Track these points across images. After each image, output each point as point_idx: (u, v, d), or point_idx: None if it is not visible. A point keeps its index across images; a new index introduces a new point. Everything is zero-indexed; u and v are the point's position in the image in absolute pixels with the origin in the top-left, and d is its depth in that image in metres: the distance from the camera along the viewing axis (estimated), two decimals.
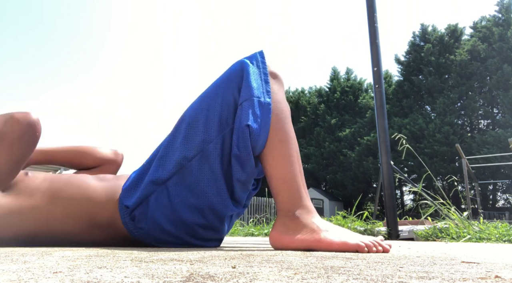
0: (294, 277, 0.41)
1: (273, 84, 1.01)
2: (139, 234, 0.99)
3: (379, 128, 2.47)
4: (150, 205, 0.97)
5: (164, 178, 0.97)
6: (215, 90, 1.00)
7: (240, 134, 0.94)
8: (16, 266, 0.51)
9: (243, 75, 0.98)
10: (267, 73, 1.01)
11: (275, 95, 0.99)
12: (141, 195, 0.97)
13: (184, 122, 0.99)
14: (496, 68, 15.91)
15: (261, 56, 1.04)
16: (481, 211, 6.61)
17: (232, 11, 48.38)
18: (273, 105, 0.97)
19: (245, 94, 0.96)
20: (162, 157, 0.99)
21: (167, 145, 1.00)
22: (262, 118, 0.95)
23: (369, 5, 2.60)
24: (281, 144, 0.96)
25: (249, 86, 0.96)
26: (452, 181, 11.73)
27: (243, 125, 0.93)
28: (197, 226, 0.99)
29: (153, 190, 0.97)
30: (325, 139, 20.67)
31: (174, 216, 0.97)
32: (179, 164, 0.96)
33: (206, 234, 1.02)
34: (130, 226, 0.99)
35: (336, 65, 30.68)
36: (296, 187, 0.94)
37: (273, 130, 0.95)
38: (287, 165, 0.95)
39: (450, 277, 0.42)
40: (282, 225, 0.93)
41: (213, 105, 0.98)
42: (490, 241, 1.78)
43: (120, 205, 0.99)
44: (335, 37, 43.46)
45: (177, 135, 0.99)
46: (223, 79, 1.01)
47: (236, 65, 1.01)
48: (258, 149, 0.95)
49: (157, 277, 0.41)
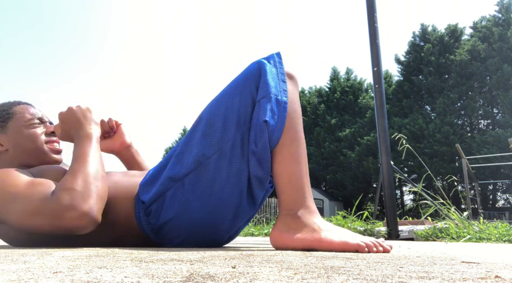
0: (294, 277, 0.41)
1: (289, 84, 1.02)
2: (150, 230, 0.99)
3: (379, 128, 2.47)
4: (166, 201, 0.97)
5: (181, 175, 0.97)
6: (233, 89, 1.00)
7: (258, 130, 0.94)
8: (16, 266, 0.51)
9: (260, 74, 0.99)
10: (284, 73, 1.02)
11: (290, 95, 1.01)
12: (158, 191, 0.98)
13: (203, 121, 0.99)
14: (496, 68, 15.92)
15: (278, 56, 1.05)
16: (481, 211, 6.60)
17: (232, 11, 48.38)
18: (288, 104, 0.98)
19: (263, 92, 0.97)
20: (180, 154, 0.99)
21: (185, 142, 1.00)
22: (278, 116, 0.96)
23: (369, 5, 2.60)
24: (291, 143, 0.96)
25: (267, 84, 0.97)
26: (452, 181, 11.74)
27: (261, 121, 0.94)
28: (210, 224, 1.00)
29: (170, 186, 0.98)
30: (325, 140, 20.68)
31: (188, 213, 0.97)
32: (197, 161, 0.97)
33: (217, 232, 1.03)
34: (143, 221, 0.99)
35: (336, 65, 30.71)
36: (301, 187, 0.95)
37: (286, 129, 0.96)
38: (294, 164, 0.95)
39: (450, 277, 0.42)
40: (283, 224, 0.93)
41: (231, 103, 0.98)
42: (490, 241, 1.78)
43: (137, 200, 1.00)
44: (335, 37, 43.48)
45: (195, 133, 1.00)
46: (241, 78, 1.01)
47: (254, 64, 1.02)
48: (272, 145, 0.96)
49: (157, 277, 0.41)
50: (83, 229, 0.88)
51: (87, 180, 0.92)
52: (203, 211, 0.97)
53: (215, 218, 0.98)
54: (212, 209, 0.97)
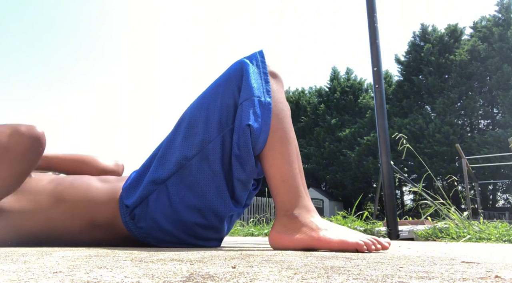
0: (294, 277, 0.41)
1: (273, 84, 1.01)
2: (139, 233, 0.99)
3: (379, 128, 2.47)
4: (150, 204, 0.97)
5: (163, 178, 0.97)
6: (214, 90, 1.00)
7: (241, 134, 0.94)
8: (16, 266, 0.51)
9: (242, 75, 0.98)
10: (267, 73, 1.01)
11: (275, 95, 0.99)
12: (141, 194, 0.97)
13: (184, 122, 0.99)
14: (496, 68, 15.92)
15: (261, 55, 1.03)
16: (481, 211, 6.60)
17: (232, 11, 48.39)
18: (273, 105, 0.97)
19: (245, 94, 0.96)
20: (162, 157, 0.99)
21: (167, 144, 1.00)
22: (262, 118, 0.94)
23: (369, 5, 2.60)
24: (280, 144, 0.95)
25: (249, 86, 0.96)
26: (452, 181, 11.73)
27: (243, 125, 0.93)
28: (197, 226, 0.99)
29: (152, 189, 0.97)
30: (325, 140, 20.68)
31: (173, 216, 0.97)
32: (179, 163, 0.96)
33: (205, 233, 1.02)
34: (130, 225, 0.99)
35: (336, 65, 30.71)
36: (296, 187, 0.94)
37: (273, 130, 0.95)
38: (286, 164, 0.95)
39: (450, 277, 0.42)
40: (281, 225, 0.93)
41: (213, 105, 0.98)
42: (490, 241, 1.78)
43: (121, 204, 0.99)
44: (335, 37, 43.47)
45: (176, 135, 0.99)
46: (223, 79, 1.00)
47: (235, 65, 1.01)
48: (258, 148, 0.95)
49: (157, 277, 0.41)
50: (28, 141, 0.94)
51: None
52: (188, 213, 0.97)
53: (201, 219, 0.98)
54: (197, 210, 0.97)
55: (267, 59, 1.03)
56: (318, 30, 43.73)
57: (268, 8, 46.65)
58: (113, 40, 43.87)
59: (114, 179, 1.09)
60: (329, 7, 43.75)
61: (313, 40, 42.69)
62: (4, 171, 0.94)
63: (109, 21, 52.61)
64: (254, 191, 1.12)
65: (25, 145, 0.95)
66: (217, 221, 1.00)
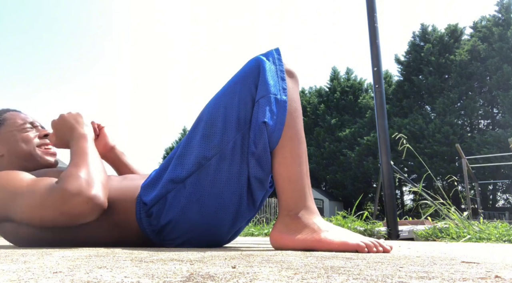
0: (294, 277, 0.41)
1: (289, 82, 1.00)
2: (151, 231, 0.99)
3: (379, 128, 2.47)
4: (168, 203, 0.97)
5: (182, 177, 0.97)
6: (232, 87, 0.99)
7: (257, 131, 0.93)
8: (16, 266, 0.51)
9: (259, 71, 0.98)
10: (283, 71, 1.00)
11: (290, 93, 0.99)
12: (159, 193, 0.97)
13: (202, 121, 0.99)
14: (496, 68, 15.92)
15: (277, 53, 1.03)
16: (481, 211, 6.60)
17: (233, 11, 48.37)
18: (288, 103, 0.97)
19: (262, 91, 0.95)
20: (181, 156, 0.99)
21: (186, 143, 1.00)
22: (278, 116, 0.94)
23: (369, 5, 2.60)
24: (291, 143, 0.95)
25: (265, 83, 0.96)
26: (452, 181, 11.72)
27: (260, 122, 0.93)
28: (212, 226, 0.99)
29: (171, 188, 0.97)
30: (325, 140, 20.68)
31: (189, 215, 0.97)
32: (198, 163, 0.96)
33: (219, 233, 1.03)
34: (144, 222, 0.99)
35: (336, 65, 30.70)
36: (301, 187, 0.94)
37: (286, 129, 0.95)
38: (295, 164, 0.95)
39: (450, 277, 0.42)
40: (283, 225, 0.93)
41: (231, 103, 0.97)
42: (490, 241, 1.78)
43: (138, 202, 0.99)
44: (335, 37, 43.47)
45: (195, 134, 0.99)
46: (240, 77, 1.00)
47: (252, 62, 1.00)
48: (272, 146, 0.95)
49: (157, 277, 0.41)
50: (90, 214, 0.90)
51: (90, 169, 0.95)
52: (204, 213, 0.97)
53: (215, 219, 0.98)
54: (212, 211, 0.97)
55: (283, 57, 1.02)
56: (318, 30, 43.74)
57: (268, 8, 46.65)
58: (113, 40, 43.85)
59: (138, 177, 1.10)
60: (329, 7, 43.76)
61: (313, 40, 42.70)
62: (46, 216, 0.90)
63: (109, 21, 52.59)
64: (271, 188, 1.11)
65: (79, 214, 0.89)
66: (234, 221, 1.00)
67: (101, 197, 0.91)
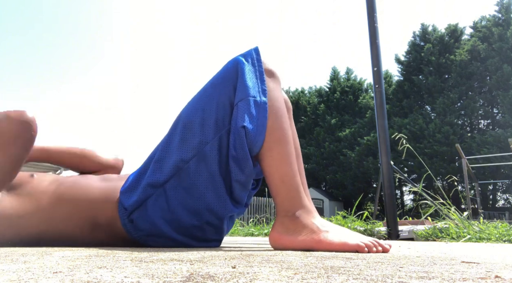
0: (294, 277, 0.41)
1: (269, 82, 0.99)
2: (138, 236, 0.99)
3: (379, 128, 2.47)
4: (149, 208, 0.96)
5: (161, 181, 0.96)
6: (210, 90, 0.98)
7: (236, 135, 0.92)
8: (16, 266, 0.51)
9: (238, 74, 0.97)
10: (263, 71, 0.98)
11: (272, 94, 0.97)
12: (139, 198, 0.96)
13: (180, 124, 0.98)
14: (496, 68, 15.92)
15: (256, 53, 1.01)
16: (481, 211, 6.60)
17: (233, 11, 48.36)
18: (270, 104, 0.95)
19: (240, 94, 0.94)
20: (159, 160, 0.98)
21: (164, 147, 0.99)
22: (258, 119, 0.93)
23: (369, 5, 2.60)
24: (278, 144, 0.94)
25: (244, 86, 0.94)
26: (452, 181, 11.73)
27: (239, 126, 0.92)
28: (196, 228, 0.99)
29: (150, 193, 0.97)
30: (325, 140, 20.67)
31: (172, 219, 0.97)
32: (176, 166, 0.95)
33: (205, 235, 1.02)
34: (129, 227, 0.98)
35: (336, 65, 30.71)
36: (296, 187, 0.93)
37: (270, 130, 0.94)
38: (285, 164, 0.94)
39: (450, 277, 0.42)
40: (281, 226, 0.92)
41: (209, 106, 0.96)
42: (490, 241, 1.78)
43: (120, 207, 0.99)
44: (335, 37, 43.46)
45: (173, 137, 0.98)
46: (218, 79, 0.99)
47: (230, 63, 0.99)
48: (255, 149, 0.93)
49: (157, 277, 0.41)
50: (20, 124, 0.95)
51: None
52: (187, 216, 0.96)
53: (200, 221, 0.98)
54: (196, 213, 0.96)
55: (262, 57, 1.00)
56: (318, 30, 43.73)
57: (268, 8, 46.64)
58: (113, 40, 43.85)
59: (116, 178, 1.09)
60: (329, 7, 43.74)
61: (313, 40, 42.71)
62: None
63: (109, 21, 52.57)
64: (253, 190, 1.11)
65: (16, 130, 0.95)
66: (217, 222, 1.00)
67: None
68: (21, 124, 0.95)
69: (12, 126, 0.94)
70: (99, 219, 0.99)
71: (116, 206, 0.99)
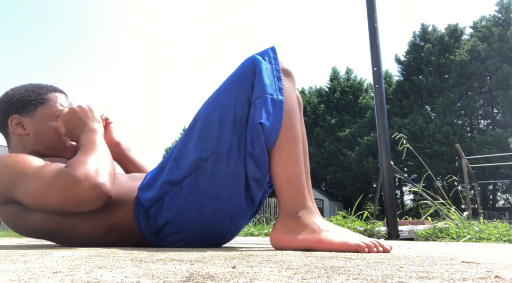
0: (294, 277, 0.41)
1: (285, 81, 1.00)
2: (149, 232, 0.99)
3: (379, 128, 2.47)
4: (165, 205, 0.97)
5: (179, 179, 0.96)
6: (227, 88, 0.99)
7: (254, 132, 0.93)
8: (16, 266, 0.51)
9: (255, 71, 0.97)
10: (280, 70, 0.99)
11: (287, 93, 0.98)
12: (156, 195, 0.97)
13: (198, 122, 0.98)
14: (496, 68, 15.92)
15: (273, 52, 1.02)
16: (481, 211, 6.61)
17: (233, 11, 48.35)
18: (285, 103, 0.96)
19: (258, 92, 0.95)
20: (177, 157, 0.98)
21: (182, 145, 0.99)
22: (274, 116, 0.94)
23: (369, 5, 2.60)
24: (289, 143, 0.95)
25: (261, 83, 0.95)
26: (452, 181, 11.72)
27: (256, 123, 0.92)
28: (211, 227, 0.99)
29: (167, 190, 0.97)
30: (325, 140, 20.68)
31: (188, 217, 0.97)
32: (194, 164, 0.95)
33: (219, 234, 1.02)
34: (142, 224, 0.99)
35: (336, 65, 30.70)
36: (301, 187, 0.93)
37: (283, 129, 0.94)
38: (293, 164, 0.94)
39: (450, 277, 0.42)
40: (283, 225, 0.93)
41: (227, 104, 0.97)
42: (490, 241, 1.78)
43: (137, 203, 0.99)
44: (335, 37, 43.45)
45: (191, 135, 0.98)
46: (235, 76, 0.99)
47: (247, 61, 1.00)
48: (269, 146, 0.94)
49: (157, 277, 0.41)
50: (95, 201, 0.88)
51: (99, 158, 0.95)
52: (202, 214, 0.97)
53: (214, 220, 0.98)
54: (211, 211, 0.97)
55: (279, 56, 1.01)
56: (318, 30, 43.72)
57: (268, 8, 46.63)
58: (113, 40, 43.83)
59: (141, 177, 1.10)
60: (329, 7, 43.74)
61: (313, 40, 42.70)
62: (49, 202, 0.89)
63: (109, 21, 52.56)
64: (270, 188, 1.11)
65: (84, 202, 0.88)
66: (231, 222, 1.00)
67: (108, 185, 0.90)
68: (92, 202, 0.89)
69: (84, 196, 0.87)
70: (116, 217, 0.99)
71: (133, 204, 1.00)
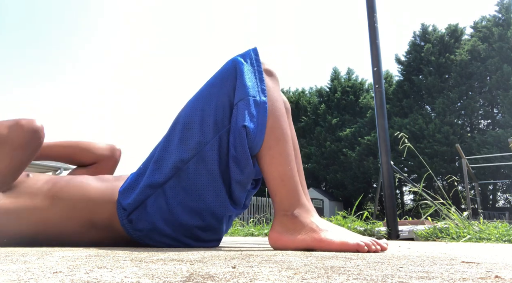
0: (294, 277, 0.41)
1: (268, 82, 0.99)
2: (137, 236, 0.99)
3: (379, 128, 2.47)
4: (148, 208, 0.96)
5: (160, 182, 0.96)
6: (209, 90, 0.98)
7: (237, 135, 0.92)
8: (16, 266, 0.51)
9: (236, 74, 0.97)
10: (262, 71, 0.99)
11: (271, 93, 0.98)
12: (138, 199, 0.96)
13: (179, 124, 0.98)
14: (496, 68, 15.91)
15: (255, 53, 1.01)
16: (481, 211, 6.60)
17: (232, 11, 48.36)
18: (269, 103, 0.96)
19: (240, 94, 0.95)
20: (158, 160, 0.98)
21: (163, 147, 0.98)
22: (258, 118, 0.93)
23: (369, 5, 2.60)
24: (277, 143, 0.94)
25: (243, 86, 0.95)
26: (452, 181, 11.74)
27: (239, 126, 0.92)
28: (196, 228, 0.99)
29: (149, 193, 0.96)
30: (326, 139, 20.67)
31: (172, 219, 0.97)
32: (176, 167, 0.95)
33: (205, 235, 1.02)
34: (128, 228, 0.98)
35: (337, 66, 30.71)
36: (294, 186, 0.93)
37: (270, 129, 0.94)
38: (284, 164, 0.94)
39: (450, 277, 0.42)
40: (280, 225, 0.92)
41: (208, 106, 0.96)
42: (490, 241, 1.78)
43: (118, 207, 0.99)
44: (336, 37, 43.45)
45: (172, 137, 0.98)
46: (216, 79, 0.99)
47: (228, 63, 0.99)
48: (255, 149, 0.94)
49: (157, 277, 0.41)
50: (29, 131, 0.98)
51: None
52: (186, 216, 0.96)
53: (200, 222, 0.98)
54: (195, 213, 0.96)
55: (261, 57, 1.01)
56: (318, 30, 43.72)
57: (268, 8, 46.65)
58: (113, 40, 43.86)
59: (112, 178, 1.09)
60: (329, 7, 43.75)
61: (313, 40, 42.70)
62: (1, 161, 0.96)
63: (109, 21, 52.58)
64: (253, 190, 1.11)
65: (24, 137, 0.98)
66: (216, 223, 1.00)
67: None
68: (30, 132, 0.99)
69: (22, 134, 0.98)
70: (97, 219, 0.99)
71: (115, 206, 0.99)
